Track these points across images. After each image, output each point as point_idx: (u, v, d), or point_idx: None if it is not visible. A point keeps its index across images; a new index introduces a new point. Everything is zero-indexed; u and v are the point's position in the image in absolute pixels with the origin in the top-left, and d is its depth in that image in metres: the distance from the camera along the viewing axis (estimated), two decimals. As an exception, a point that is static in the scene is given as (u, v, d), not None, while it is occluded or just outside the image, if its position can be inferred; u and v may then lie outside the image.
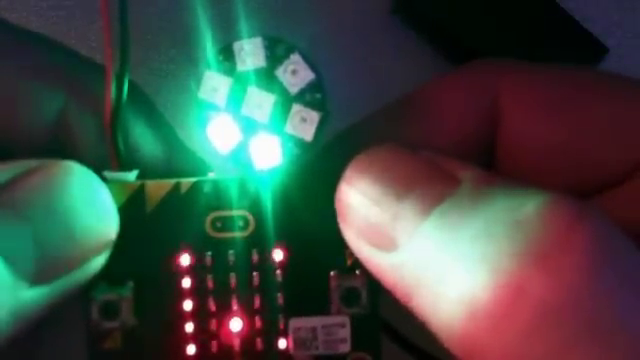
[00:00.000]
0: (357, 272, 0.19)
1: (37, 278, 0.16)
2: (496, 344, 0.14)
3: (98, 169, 0.18)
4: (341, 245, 0.18)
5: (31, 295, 0.16)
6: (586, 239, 0.14)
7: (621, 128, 0.18)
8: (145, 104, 0.20)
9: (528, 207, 0.14)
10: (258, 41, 0.17)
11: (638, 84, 0.19)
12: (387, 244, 0.16)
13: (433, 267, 0.15)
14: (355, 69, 0.32)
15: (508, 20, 0.32)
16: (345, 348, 0.19)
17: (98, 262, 0.18)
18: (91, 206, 0.18)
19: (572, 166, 0.19)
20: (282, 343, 0.19)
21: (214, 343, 0.19)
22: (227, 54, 0.18)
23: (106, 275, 0.18)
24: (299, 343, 0.19)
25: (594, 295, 0.13)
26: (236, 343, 0.19)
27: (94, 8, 0.33)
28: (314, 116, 0.18)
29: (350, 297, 0.19)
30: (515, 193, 0.15)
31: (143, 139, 0.20)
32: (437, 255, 0.15)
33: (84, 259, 0.17)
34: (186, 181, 0.19)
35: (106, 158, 0.19)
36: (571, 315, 0.13)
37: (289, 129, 0.18)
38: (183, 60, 0.29)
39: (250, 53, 0.17)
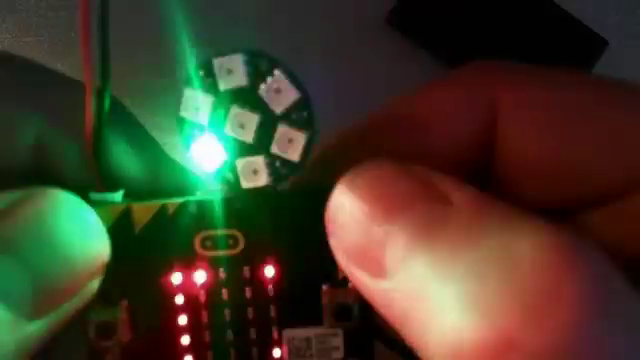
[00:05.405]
0: (349, 285, 0.19)
1: (36, 312, 0.16)
2: None
3: (83, 190, 0.18)
4: (332, 258, 0.18)
5: (32, 329, 0.16)
6: (578, 291, 0.13)
7: (621, 145, 0.18)
8: (127, 120, 0.20)
9: (521, 247, 0.14)
10: (239, 57, 0.17)
11: (636, 91, 0.18)
12: (377, 271, 0.16)
13: (422, 302, 0.15)
14: (343, 77, 0.31)
15: (506, 23, 0.31)
16: (338, 355, 0.19)
17: (93, 286, 0.18)
18: (82, 233, 0.17)
19: (570, 178, 0.18)
20: (277, 352, 0.19)
21: (209, 353, 0.19)
22: (207, 71, 0.17)
23: (100, 295, 0.18)
24: (294, 352, 0.19)
25: (583, 355, 0.13)
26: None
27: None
28: (301, 136, 0.17)
29: (342, 313, 0.19)
30: (509, 226, 0.14)
31: (127, 157, 0.19)
32: (426, 290, 0.15)
33: (80, 286, 0.17)
34: (172, 202, 0.19)
35: (90, 179, 0.18)
36: None
37: (275, 149, 0.18)
38: (165, 77, 0.29)
39: (232, 70, 0.17)
